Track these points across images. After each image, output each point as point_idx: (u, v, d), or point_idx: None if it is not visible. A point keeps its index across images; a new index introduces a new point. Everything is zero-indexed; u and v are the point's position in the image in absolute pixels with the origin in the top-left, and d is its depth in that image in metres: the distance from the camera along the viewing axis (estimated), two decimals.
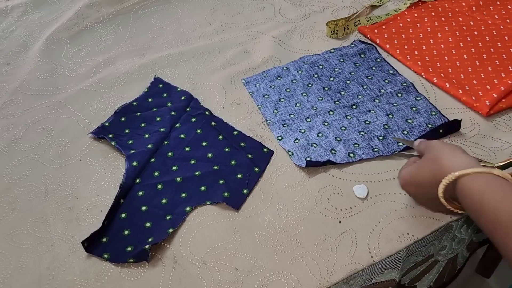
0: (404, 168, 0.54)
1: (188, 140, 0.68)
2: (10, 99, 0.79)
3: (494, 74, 0.74)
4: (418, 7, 0.89)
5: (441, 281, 0.67)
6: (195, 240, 0.57)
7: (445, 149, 0.48)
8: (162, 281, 0.53)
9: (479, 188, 0.41)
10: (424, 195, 0.52)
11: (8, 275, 0.55)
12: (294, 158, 0.64)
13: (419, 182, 0.51)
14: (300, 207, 0.59)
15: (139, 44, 0.89)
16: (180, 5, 0.98)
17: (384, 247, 0.55)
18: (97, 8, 0.98)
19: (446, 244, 0.61)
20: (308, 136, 0.67)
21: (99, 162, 0.67)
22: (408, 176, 0.52)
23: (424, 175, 0.49)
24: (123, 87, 0.79)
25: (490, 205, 0.40)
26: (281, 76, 0.78)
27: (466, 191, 0.42)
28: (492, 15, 0.84)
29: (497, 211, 0.39)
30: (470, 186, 0.42)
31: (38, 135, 0.72)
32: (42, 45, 0.90)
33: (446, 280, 0.68)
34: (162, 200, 0.61)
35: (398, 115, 0.70)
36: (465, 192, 0.42)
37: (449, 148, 0.49)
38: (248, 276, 0.53)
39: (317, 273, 0.53)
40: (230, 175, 0.63)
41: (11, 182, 0.66)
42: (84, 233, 0.57)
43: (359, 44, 0.82)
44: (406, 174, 0.53)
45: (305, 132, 0.68)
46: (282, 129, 0.69)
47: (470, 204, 0.42)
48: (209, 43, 0.87)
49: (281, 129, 0.69)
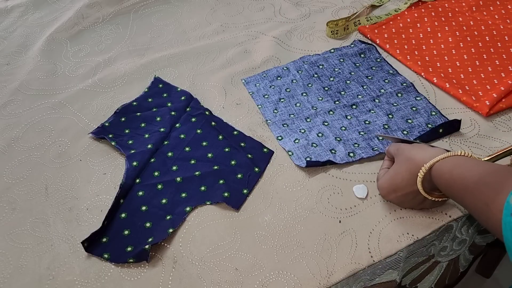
0: (377, 179, 0.58)
1: (188, 140, 0.68)
2: (10, 99, 0.79)
3: (494, 74, 0.74)
4: (418, 7, 0.89)
5: (443, 283, 0.67)
6: (195, 240, 0.57)
7: (414, 148, 0.54)
8: (162, 281, 0.53)
9: (448, 168, 0.47)
10: (406, 196, 0.54)
11: (8, 275, 0.55)
12: (294, 158, 0.64)
13: (398, 184, 0.53)
14: (300, 207, 0.59)
15: (139, 44, 0.89)
16: (180, 5, 0.98)
17: (384, 247, 0.55)
18: (97, 8, 0.98)
19: (446, 244, 0.61)
20: (308, 136, 0.67)
21: (99, 162, 0.67)
22: (386, 184, 0.55)
23: (401, 176, 0.53)
24: (123, 87, 0.79)
25: (458, 177, 0.46)
26: (281, 76, 0.78)
27: (438, 173, 0.48)
28: (492, 15, 0.84)
29: (463, 180, 0.45)
30: (441, 169, 0.48)
31: (38, 135, 0.72)
32: (42, 45, 0.90)
33: (448, 283, 0.68)
34: (162, 200, 0.61)
35: (398, 115, 0.70)
36: (437, 174, 0.48)
37: (417, 146, 0.54)
38: (248, 276, 0.53)
39: (317, 273, 0.53)
40: (230, 175, 0.63)
41: (11, 182, 0.66)
42: (84, 233, 0.57)
43: (359, 44, 0.82)
44: (384, 183, 0.55)
45: (305, 132, 0.68)
46: (282, 129, 0.69)
47: (443, 182, 0.48)
48: (209, 43, 0.87)
49: (281, 129, 0.69)
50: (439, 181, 0.49)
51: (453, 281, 0.69)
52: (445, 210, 0.57)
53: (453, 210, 0.57)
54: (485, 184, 0.42)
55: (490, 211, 0.40)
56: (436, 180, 0.49)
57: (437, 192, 0.52)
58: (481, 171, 0.44)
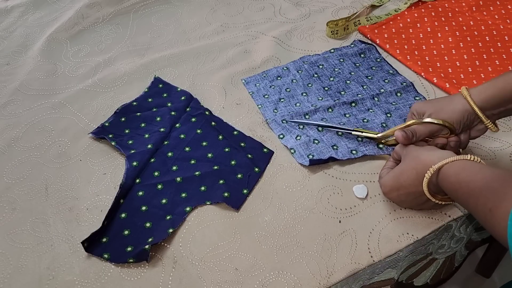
0: (381, 177, 0.57)
1: (188, 140, 0.68)
2: (10, 99, 0.79)
3: (494, 74, 0.74)
4: (418, 7, 0.89)
5: (438, 278, 0.67)
6: (195, 240, 0.57)
7: (422, 149, 0.54)
8: (162, 281, 0.53)
9: (454, 171, 0.48)
10: (408, 195, 0.54)
11: (8, 275, 0.55)
12: (297, 156, 0.64)
13: (403, 182, 0.53)
14: (300, 207, 0.59)
15: (139, 44, 0.89)
16: (180, 5, 0.98)
17: (384, 247, 0.55)
18: (97, 8, 0.98)
19: (444, 243, 0.61)
20: (309, 131, 0.67)
21: (99, 162, 0.67)
22: (390, 181, 0.55)
23: (407, 175, 0.52)
24: (123, 87, 0.79)
25: (463, 180, 0.46)
26: (281, 76, 0.78)
27: (444, 176, 0.48)
28: (492, 15, 0.84)
29: (469, 184, 0.45)
30: (448, 172, 0.48)
31: (38, 135, 0.72)
32: (42, 45, 0.90)
33: (443, 277, 0.68)
34: (162, 200, 0.61)
35: (396, 114, 0.70)
36: (444, 177, 0.49)
37: (424, 147, 0.55)
38: (248, 276, 0.53)
39: (317, 273, 0.53)
40: (230, 175, 0.63)
41: (11, 182, 0.66)
42: (84, 233, 0.57)
43: (359, 44, 0.82)
44: (388, 180, 0.55)
45: (304, 127, 0.68)
46: (282, 126, 0.69)
47: (449, 185, 0.48)
48: (209, 43, 0.87)
49: (281, 126, 0.69)
50: (444, 184, 0.49)
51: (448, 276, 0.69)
52: (444, 210, 0.57)
53: (453, 210, 0.57)
54: (489, 190, 0.42)
55: (494, 218, 0.40)
56: (441, 183, 0.49)
57: (441, 194, 0.52)
58: (486, 176, 0.44)
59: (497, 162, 0.62)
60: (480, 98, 0.54)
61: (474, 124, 0.57)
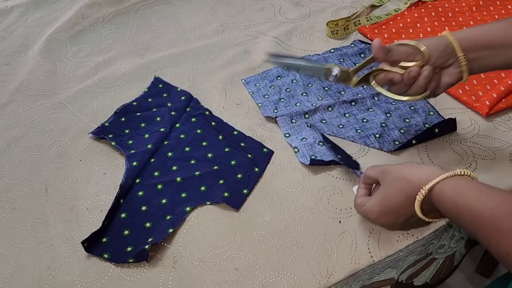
0: (363, 205, 0.51)
1: (188, 140, 0.68)
2: (10, 99, 0.79)
3: (494, 74, 0.74)
4: (418, 7, 0.89)
5: (438, 278, 0.67)
6: (195, 240, 0.57)
7: (403, 167, 0.49)
8: (162, 281, 0.53)
9: (450, 193, 0.43)
10: (399, 218, 0.48)
11: (8, 275, 0.55)
12: (299, 155, 0.64)
13: (391, 207, 0.48)
14: (300, 207, 0.59)
15: (139, 44, 0.89)
16: (180, 5, 0.98)
17: (384, 247, 0.55)
18: (97, 8, 0.98)
19: (444, 242, 0.61)
20: (315, 134, 0.67)
21: (99, 162, 0.67)
22: (377, 207, 0.49)
23: (395, 198, 0.47)
24: (123, 87, 0.79)
25: (465, 208, 0.42)
26: (281, 76, 0.78)
27: (440, 198, 0.44)
28: (492, 15, 0.84)
29: (473, 214, 0.41)
30: (443, 194, 0.44)
31: (38, 135, 0.72)
32: (42, 45, 0.90)
33: (442, 277, 0.68)
34: (162, 200, 0.61)
35: (396, 114, 0.70)
36: (440, 199, 0.44)
37: (405, 164, 0.49)
38: (248, 276, 0.53)
39: (317, 273, 0.53)
40: (230, 175, 0.63)
41: (11, 182, 0.66)
42: (84, 233, 0.57)
43: (359, 44, 0.82)
44: (374, 206, 0.49)
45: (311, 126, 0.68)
46: (290, 125, 0.69)
47: (447, 210, 0.44)
48: (209, 43, 0.87)
49: (289, 125, 0.69)
50: (441, 207, 0.44)
51: (447, 275, 0.69)
52: None
53: None
54: (500, 230, 0.38)
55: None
56: (438, 205, 0.44)
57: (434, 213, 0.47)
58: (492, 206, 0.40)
59: (497, 162, 0.62)
60: (460, 35, 0.53)
61: (448, 64, 0.54)
